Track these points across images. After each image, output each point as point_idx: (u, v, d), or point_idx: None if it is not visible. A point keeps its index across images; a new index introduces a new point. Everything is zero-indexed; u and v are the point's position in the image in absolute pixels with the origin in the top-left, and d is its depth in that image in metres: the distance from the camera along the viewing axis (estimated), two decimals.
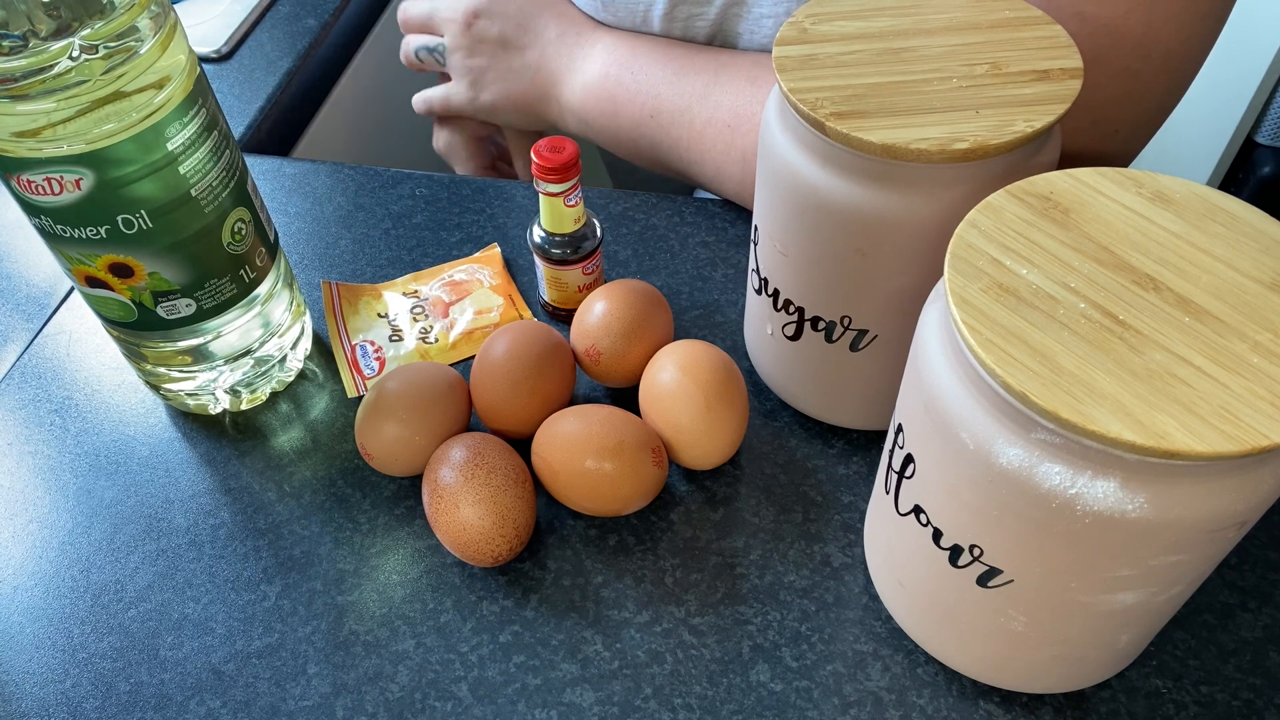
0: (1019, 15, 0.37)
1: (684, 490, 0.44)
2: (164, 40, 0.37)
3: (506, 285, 0.53)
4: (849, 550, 0.42)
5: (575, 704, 0.38)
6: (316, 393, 0.49)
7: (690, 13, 0.53)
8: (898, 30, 0.37)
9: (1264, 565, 0.41)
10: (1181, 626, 0.39)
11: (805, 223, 0.37)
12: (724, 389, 0.42)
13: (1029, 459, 0.27)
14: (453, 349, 0.50)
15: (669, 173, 0.57)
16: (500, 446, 0.41)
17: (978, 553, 0.31)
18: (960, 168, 0.33)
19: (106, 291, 0.41)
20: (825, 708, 0.37)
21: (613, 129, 0.57)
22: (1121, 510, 0.27)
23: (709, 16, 0.53)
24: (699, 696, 0.38)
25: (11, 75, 0.34)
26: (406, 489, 0.45)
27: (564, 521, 0.43)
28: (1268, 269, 0.28)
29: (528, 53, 0.59)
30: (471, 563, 0.40)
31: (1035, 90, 0.34)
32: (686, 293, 0.52)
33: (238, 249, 0.43)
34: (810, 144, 0.35)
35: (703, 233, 0.55)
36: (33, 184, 0.37)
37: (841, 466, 0.45)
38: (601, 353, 0.45)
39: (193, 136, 0.39)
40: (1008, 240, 0.30)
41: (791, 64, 0.36)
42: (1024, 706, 0.37)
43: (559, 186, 0.46)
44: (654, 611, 0.40)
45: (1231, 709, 0.37)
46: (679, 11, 0.54)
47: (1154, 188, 0.31)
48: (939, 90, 0.34)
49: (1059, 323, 0.27)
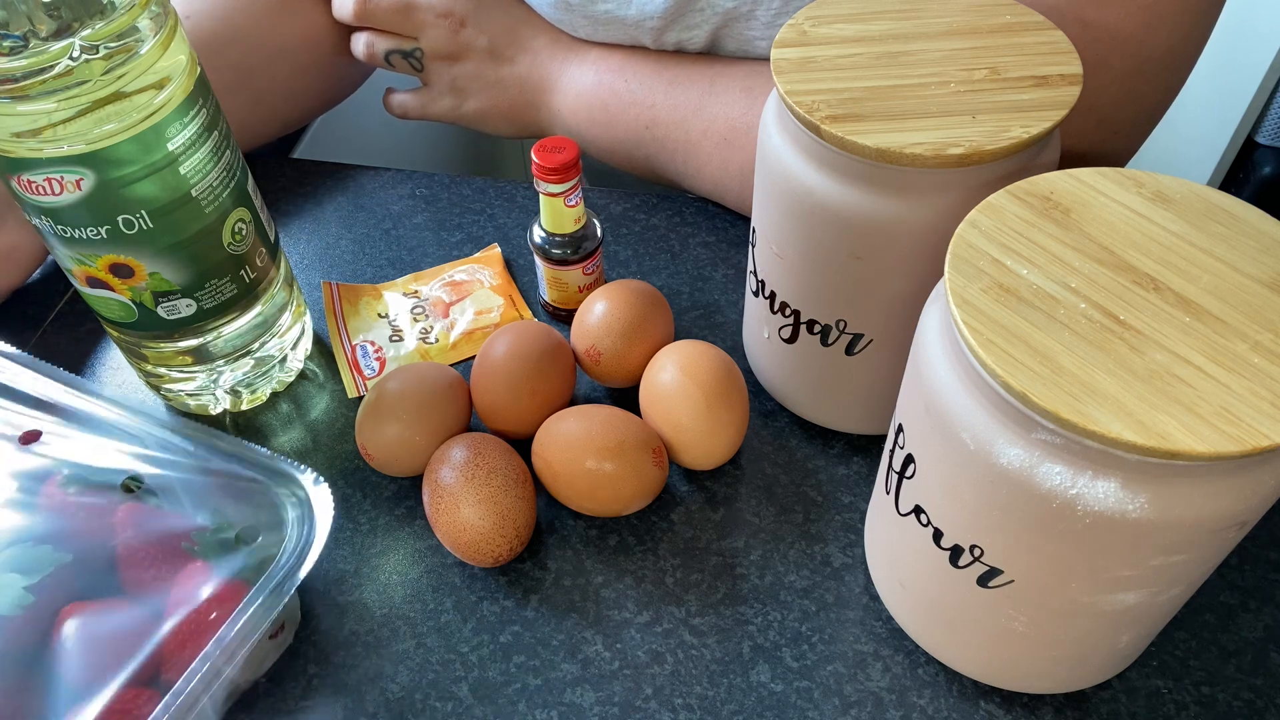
0: (1020, 20, 0.37)
1: (684, 490, 0.44)
2: (164, 40, 0.37)
3: (507, 285, 0.53)
4: (849, 550, 0.42)
5: (576, 704, 0.38)
6: (317, 393, 0.49)
7: (680, 37, 0.53)
8: (897, 34, 0.37)
9: (1264, 565, 0.41)
10: (1182, 627, 0.39)
11: (801, 226, 0.37)
12: (724, 389, 0.42)
13: (1029, 459, 0.27)
14: (453, 349, 0.50)
15: (665, 182, 0.57)
16: (501, 447, 0.41)
17: (978, 553, 0.31)
18: (956, 173, 0.33)
19: (107, 292, 0.41)
20: (826, 708, 0.37)
21: (606, 139, 0.56)
22: (1122, 510, 0.27)
23: (699, 40, 0.53)
24: (699, 697, 0.38)
25: (12, 75, 0.34)
26: (407, 489, 0.45)
27: (564, 522, 0.43)
28: (1268, 269, 0.28)
29: (517, 62, 0.58)
30: (472, 563, 0.40)
31: (1033, 96, 0.34)
32: (687, 293, 0.52)
33: (238, 249, 0.43)
34: (806, 147, 0.35)
35: (703, 233, 0.55)
36: (33, 184, 0.37)
37: (842, 467, 0.45)
38: (602, 353, 0.45)
39: (193, 137, 0.39)
40: (1008, 240, 0.30)
41: (789, 66, 0.36)
42: (1024, 707, 0.37)
43: (559, 187, 0.46)
44: (654, 612, 0.40)
45: (1232, 709, 0.37)
46: (668, 37, 0.53)
47: (1154, 188, 0.31)
48: (936, 95, 0.34)
49: (1059, 323, 0.27)
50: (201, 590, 0.35)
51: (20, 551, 0.36)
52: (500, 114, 0.60)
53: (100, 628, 0.34)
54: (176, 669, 0.33)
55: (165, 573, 0.36)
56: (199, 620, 0.34)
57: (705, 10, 0.51)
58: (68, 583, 0.35)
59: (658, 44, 0.54)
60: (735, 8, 0.50)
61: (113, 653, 0.33)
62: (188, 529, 0.37)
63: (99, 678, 0.33)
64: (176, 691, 0.32)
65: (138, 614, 0.35)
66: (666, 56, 0.54)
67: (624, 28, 0.54)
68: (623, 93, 0.54)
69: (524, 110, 0.59)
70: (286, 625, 0.39)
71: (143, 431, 0.39)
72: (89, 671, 0.33)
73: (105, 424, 0.40)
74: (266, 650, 0.38)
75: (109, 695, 0.32)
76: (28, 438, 0.39)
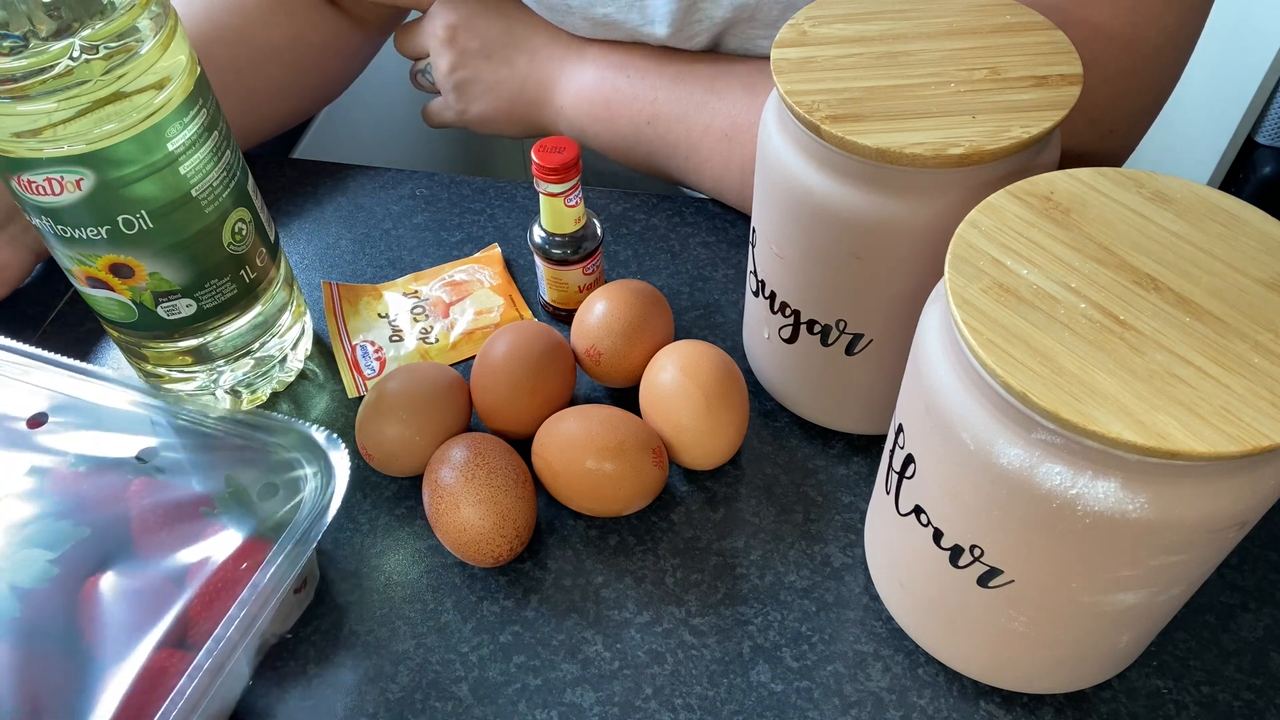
0: (1020, 20, 0.37)
1: (684, 490, 0.44)
2: (164, 41, 0.37)
3: (507, 285, 0.53)
4: (849, 550, 0.42)
5: (576, 704, 0.38)
6: (317, 393, 0.49)
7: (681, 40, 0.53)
8: (897, 34, 0.37)
9: (1264, 565, 0.41)
10: (1182, 627, 0.39)
11: (801, 226, 0.37)
12: (724, 389, 0.42)
13: (1030, 459, 0.27)
14: (453, 349, 0.50)
15: (667, 179, 0.57)
16: (501, 447, 0.41)
17: (978, 553, 0.31)
18: (955, 173, 0.33)
19: (107, 292, 0.41)
20: (826, 708, 0.37)
21: (608, 135, 0.56)
22: (1122, 510, 0.27)
23: (700, 42, 0.53)
24: (699, 697, 0.38)
25: (12, 75, 0.34)
26: (407, 489, 0.45)
27: (564, 522, 0.43)
28: (1268, 269, 0.28)
29: (516, 62, 0.58)
30: (472, 563, 0.40)
31: (1033, 96, 0.34)
32: (687, 293, 0.52)
33: (238, 249, 0.43)
34: (806, 147, 0.35)
35: (703, 233, 0.55)
36: (33, 184, 0.37)
37: (842, 467, 0.45)
38: (602, 353, 0.45)
39: (193, 137, 0.39)
40: (1008, 240, 0.30)
41: (789, 66, 0.36)
42: (1024, 707, 0.37)
43: (559, 187, 0.46)
44: (654, 612, 0.40)
45: (1232, 709, 0.37)
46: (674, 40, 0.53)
47: (1154, 188, 0.31)
48: (936, 95, 0.34)
49: (1060, 323, 0.27)
50: (224, 550, 0.36)
51: (40, 528, 0.36)
52: (504, 115, 0.60)
53: (127, 594, 0.35)
54: (204, 629, 0.34)
55: (185, 537, 0.37)
56: (224, 579, 0.35)
57: (704, 22, 0.51)
58: (89, 554, 0.36)
59: (659, 42, 0.54)
60: (733, 16, 0.50)
61: (142, 617, 0.34)
62: (203, 494, 0.38)
63: (131, 642, 0.34)
64: (217, 638, 0.33)
65: (162, 579, 0.36)
66: (668, 53, 0.54)
67: (625, 30, 0.54)
68: (624, 89, 0.54)
69: (527, 110, 0.59)
70: (309, 581, 0.40)
71: (148, 407, 0.40)
72: (121, 637, 0.34)
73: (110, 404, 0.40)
74: (291, 605, 0.39)
75: (144, 657, 0.33)
76: (34, 421, 0.40)
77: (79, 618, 0.35)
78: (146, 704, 0.32)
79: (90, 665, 0.33)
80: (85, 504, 0.37)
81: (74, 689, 0.33)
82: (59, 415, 0.40)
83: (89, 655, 0.34)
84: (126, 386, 0.41)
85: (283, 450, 0.38)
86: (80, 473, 0.38)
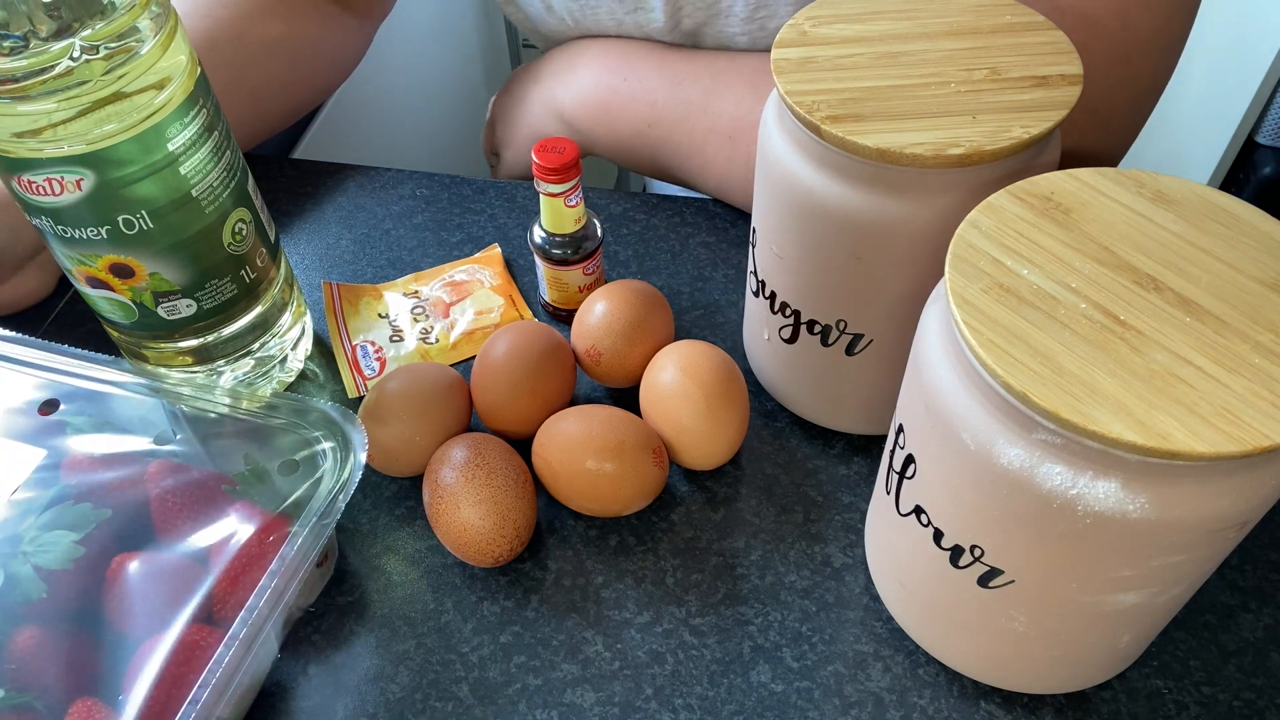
0: (1020, 20, 0.37)
1: (685, 490, 0.44)
2: (165, 41, 0.37)
3: (507, 285, 0.53)
4: (850, 551, 0.42)
5: (576, 704, 0.38)
6: (317, 393, 0.49)
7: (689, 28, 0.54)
8: (898, 34, 0.37)
9: (1265, 565, 0.41)
10: (1182, 627, 0.39)
11: (801, 226, 0.37)
12: (724, 389, 0.42)
13: (1030, 459, 0.27)
14: (453, 349, 0.50)
15: (670, 180, 0.57)
16: (501, 447, 0.41)
17: (979, 553, 0.31)
18: (956, 173, 0.33)
19: (107, 292, 0.41)
20: (826, 708, 0.37)
21: (610, 138, 0.56)
22: (1122, 511, 0.27)
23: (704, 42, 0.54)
24: (700, 697, 0.38)
25: (12, 76, 0.34)
26: (407, 489, 0.45)
27: (564, 522, 0.43)
28: (1268, 269, 0.28)
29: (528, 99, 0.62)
30: (472, 563, 0.40)
31: (1034, 96, 0.34)
32: (687, 293, 0.52)
33: (238, 249, 0.43)
34: (806, 147, 0.35)
35: (703, 233, 0.55)
36: (33, 184, 0.37)
37: (842, 467, 0.45)
38: (602, 353, 0.45)
39: (193, 137, 0.39)
40: (1009, 240, 0.30)
41: (789, 66, 0.36)
42: (1025, 707, 0.37)
43: (559, 187, 0.46)
44: (655, 612, 0.40)
45: (1233, 710, 0.37)
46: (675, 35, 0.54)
47: (1155, 188, 0.31)
48: (937, 95, 0.34)
49: (1060, 323, 0.27)
50: (246, 528, 0.36)
51: (61, 511, 0.37)
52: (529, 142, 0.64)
53: (152, 573, 0.36)
54: (231, 605, 0.34)
55: (206, 516, 0.37)
56: (248, 556, 0.35)
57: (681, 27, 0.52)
58: (113, 535, 0.36)
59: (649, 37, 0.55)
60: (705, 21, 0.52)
61: (169, 594, 0.35)
62: (223, 474, 0.38)
63: (161, 619, 0.34)
64: (250, 608, 0.33)
65: (186, 557, 0.36)
66: (667, 51, 0.54)
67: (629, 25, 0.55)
68: (623, 91, 0.54)
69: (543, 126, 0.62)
70: (330, 555, 0.41)
71: (159, 391, 0.41)
72: (150, 614, 0.34)
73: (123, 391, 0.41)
74: (315, 578, 0.40)
75: (175, 634, 0.33)
76: (47, 408, 0.40)
77: (106, 597, 0.35)
78: (181, 679, 0.32)
79: (121, 643, 0.34)
80: (104, 487, 0.38)
81: (106, 667, 0.33)
82: (72, 402, 0.40)
83: (119, 634, 0.34)
84: (139, 373, 0.41)
85: (301, 429, 0.39)
86: (97, 457, 0.39)
